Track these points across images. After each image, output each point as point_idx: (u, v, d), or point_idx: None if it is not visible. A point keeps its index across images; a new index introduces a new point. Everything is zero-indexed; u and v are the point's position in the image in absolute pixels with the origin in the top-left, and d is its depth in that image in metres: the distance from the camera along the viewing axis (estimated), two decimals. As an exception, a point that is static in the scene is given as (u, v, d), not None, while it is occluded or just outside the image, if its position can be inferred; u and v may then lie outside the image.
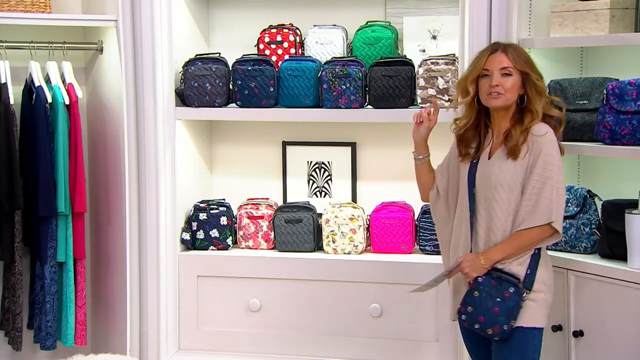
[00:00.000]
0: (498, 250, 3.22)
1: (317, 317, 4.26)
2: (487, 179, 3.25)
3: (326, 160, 4.56)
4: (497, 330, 3.18)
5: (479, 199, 3.27)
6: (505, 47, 3.26)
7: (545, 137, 3.21)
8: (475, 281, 3.23)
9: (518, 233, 3.20)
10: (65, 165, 4.17)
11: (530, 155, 3.20)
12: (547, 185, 3.17)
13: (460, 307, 3.25)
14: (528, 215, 3.18)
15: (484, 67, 3.24)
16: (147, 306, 4.29)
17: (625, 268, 3.42)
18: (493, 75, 3.22)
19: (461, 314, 3.25)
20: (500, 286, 3.19)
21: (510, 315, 3.17)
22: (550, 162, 3.18)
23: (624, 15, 3.62)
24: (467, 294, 3.24)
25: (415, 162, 3.47)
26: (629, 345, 3.40)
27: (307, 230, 4.33)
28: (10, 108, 4.08)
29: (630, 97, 3.44)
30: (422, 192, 3.51)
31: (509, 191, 3.22)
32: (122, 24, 4.16)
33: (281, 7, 4.53)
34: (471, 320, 3.22)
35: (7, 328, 4.26)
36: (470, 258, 3.24)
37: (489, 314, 3.18)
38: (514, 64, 3.22)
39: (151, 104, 4.21)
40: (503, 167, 3.23)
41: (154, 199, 4.24)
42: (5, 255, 4.15)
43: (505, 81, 3.22)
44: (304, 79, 4.21)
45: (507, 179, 3.22)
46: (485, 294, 3.20)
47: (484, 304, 3.19)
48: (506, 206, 3.22)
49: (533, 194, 3.18)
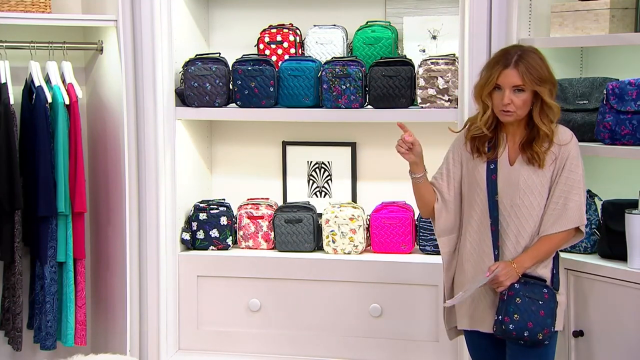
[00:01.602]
0: (529, 256, 3.20)
1: (317, 317, 4.26)
2: (514, 185, 3.22)
3: (326, 160, 4.56)
4: (547, 333, 3.16)
5: (504, 206, 3.23)
6: (517, 61, 3.16)
7: (571, 144, 3.24)
8: (511, 289, 3.17)
9: (547, 237, 3.20)
10: (65, 165, 4.17)
11: (556, 162, 3.21)
12: (574, 189, 3.19)
13: (504, 318, 3.16)
14: (556, 219, 3.19)
15: (496, 82, 3.19)
16: (147, 306, 4.29)
17: (625, 268, 3.42)
18: (504, 92, 3.17)
19: (507, 324, 3.15)
20: (536, 289, 3.18)
21: (553, 317, 3.17)
22: (577, 165, 3.22)
23: (624, 15, 3.62)
24: (507, 302, 3.17)
25: (415, 181, 3.34)
26: (629, 345, 3.40)
27: (307, 230, 4.33)
28: (10, 108, 4.08)
29: (630, 97, 3.44)
30: (424, 209, 3.39)
31: (538, 197, 3.21)
32: (122, 24, 4.16)
33: (281, 7, 4.53)
34: (520, 328, 3.14)
35: (7, 328, 4.26)
36: (504, 266, 3.18)
37: (537, 318, 3.14)
38: (524, 82, 3.15)
39: (151, 104, 4.21)
40: (531, 172, 3.21)
41: (154, 199, 4.24)
42: (5, 255, 4.15)
43: (517, 98, 3.17)
44: (304, 79, 4.21)
45: (537, 184, 3.21)
46: (527, 299, 3.16)
47: (529, 308, 3.15)
48: (536, 212, 3.21)
49: (561, 198, 3.19)
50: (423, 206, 3.39)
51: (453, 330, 3.45)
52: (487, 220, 3.26)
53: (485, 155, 3.28)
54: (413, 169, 3.33)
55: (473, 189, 3.30)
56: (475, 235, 3.30)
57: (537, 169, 3.21)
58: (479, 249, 3.28)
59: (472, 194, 3.31)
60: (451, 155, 3.38)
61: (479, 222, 3.29)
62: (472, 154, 3.30)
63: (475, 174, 3.29)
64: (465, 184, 3.34)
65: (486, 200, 3.26)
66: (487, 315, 3.27)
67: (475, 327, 3.31)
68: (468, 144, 3.32)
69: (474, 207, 3.30)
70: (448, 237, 3.38)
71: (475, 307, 3.30)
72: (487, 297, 3.27)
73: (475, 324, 3.31)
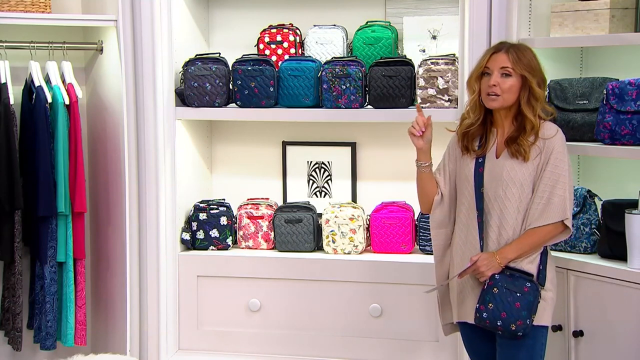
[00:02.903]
0: (512, 248, 3.22)
1: (317, 317, 4.25)
2: (497, 177, 3.25)
3: (326, 160, 4.56)
4: (521, 325, 3.17)
5: (488, 198, 3.26)
6: (509, 47, 3.25)
7: (556, 138, 3.24)
8: (491, 279, 3.21)
9: (531, 231, 3.21)
10: (65, 165, 4.17)
11: (541, 155, 3.22)
12: (559, 183, 3.19)
13: (480, 306, 3.21)
14: (541, 213, 3.20)
15: (485, 65, 3.25)
16: (147, 306, 4.29)
17: (625, 268, 3.42)
18: (492, 74, 3.23)
19: (482, 313, 3.20)
20: (517, 282, 3.19)
21: (530, 310, 3.18)
22: (562, 160, 3.21)
23: (624, 15, 3.62)
24: (485, 291, 3.21)
25: (420, 170, 3.37)
26: (629, 345, 3.40)
27: (307, 230, 4.33)
28: (10, 108, 4.08)
29: (630, 97, 3.44)
30: (424, 201, 3.42)
31: (520, 189, 3.23)
32: (122, 24, 4.16)
33: (281, 7, 4.53)
34: (493, 317, 3.18)
35: (7, 328, 4.26)
36: (486, 257, 3.22)
37: (510, 309, 3.16)
38: (513, 65, 3.21)
39: (151, 104, 4.21)
40: (515, 165, 3.23)
41: (154, 199, 4.24)
42: (5, 255, 4.15)
43: (504, 82, 3.21)
44: (304, 79, 4.21)
45: (519, 176, 3.23)
46: (504, 290, 3.18)
47: (505, 299, 3.17)
48: (517, 204, 3.23)
49: (545, 192, 3.20)
50: (424, 196, 3.42)
51: (449, 326, 3.48)
52: (474, 212, 3.29)
53: (474, 152, 3.31)
54: (420, 157, 3.36)
55: (463, 183, 3.35)
56: (463, 228, 3.34)
57: (521, 162, 3.23)
58: (466, 241, 3.32)
59: (462, 188, 3.35)
60: (447, 152, 3.42)
61: (466, 215, 3.32)
62: (462, 151, 3.34)
63: (465, 169, 3.34)
64: (458, 179, 3.38)
65: (473, 193, 3.29)
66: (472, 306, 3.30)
67: (464, 318, 3.34)
68: (460, 141, 3.35)
69: (462, 201, 3.34)
70: (442, 231, 3.41)
71: (463, 298, 3.34)
72: (475, 288, 3.30)
73: (463, 316, 3.34)
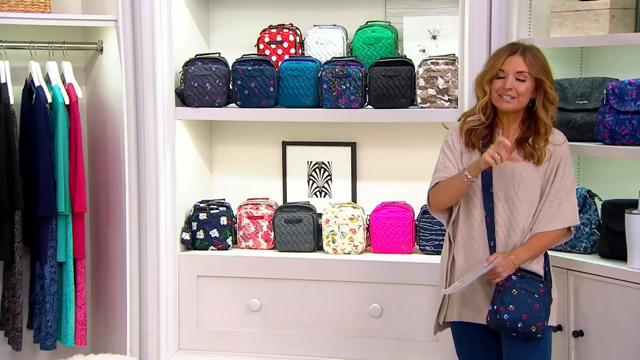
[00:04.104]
0: (526, 250, 3.23)
1: (317, 317, 4.25)
2: (509, 178, 3.25)
3: (326, 160, 4.56)
4: (540, 326, 3.17)
5: (497, 198, 3.26)
6: (524, 50, 3.23)
7: (564, 145, 3.28)
8: (508, 280, 3.19)
9: (542, 234, 3.23)
10: (65, 165, 4.17)
11: (550, 160, 3.25)
12: (570, 190, 3.24)
13: (499, 307, 3.17)
14: (552, 218, 3.22)
15: (500, 67, 3.22)
16: (147, 306, 4.29)
17: (625, 268, 3.42)
18: (508, 77, 3.20)
19: (502, 314, 3.16)
20: (532, 283, 3.20)
21: (547, 311, 3.19)
22: (570, 166, 3.27)
23: (624, 15, 3.62)
24: (503, 293, 3.18)
25: (466, 181, 3.20)
26: (628, 345, 3.40)
27: (307, 230, 4.33)
28: (10, 108, 4.08)
29: (630, 97, 3.45)
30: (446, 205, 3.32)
31: (531, 191, 3.24)
32: (122, 24, 4.16)
33: (281, 7, 4.53)
34: (514, 318, 3.15)
35: (7, 328, 4.26)
36: (503, 257, 3.21)
37: (531, 310, 3.16)
38: (530, 69, 3.20)
39: (151, 104, 4.21)
40: (527, 167, 3.24)
41: (154, 199, 4.24)
42: (5, 255, 4.15)
43: (519, 85, 3.20)
44: (304, 79, 4.21)
45: (531, 178, 3.24)
46: (523, 292, 3.18)
47: (524, 300, 3.16)
48: (528, 206, 3.24)
49: (556, 197, 3.23)
50: (449, 202, 3.31)
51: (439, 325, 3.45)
52: (480, 211, 3.27)
53: (480, 151, 3.29)
54: (474, 173, 3.22)
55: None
56: (468, 227, 3.31)
57: (533, 164, 3.24)
58: (471, 240, 3.30)
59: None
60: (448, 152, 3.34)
61: (471, 214, 3.30)
62: (467, 148, 3.31)
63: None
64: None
65: (481, 192, 3.28)
66: (481, 306, 3.28)
67: (466, 318, 3.32)
68: (463, 137, 3.33)
69: (466, 199, 3.30)
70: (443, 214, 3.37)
71: (467, 298, 3.32)
72: (480, 288, 3.28)
73: (466, 316, 3.32)
